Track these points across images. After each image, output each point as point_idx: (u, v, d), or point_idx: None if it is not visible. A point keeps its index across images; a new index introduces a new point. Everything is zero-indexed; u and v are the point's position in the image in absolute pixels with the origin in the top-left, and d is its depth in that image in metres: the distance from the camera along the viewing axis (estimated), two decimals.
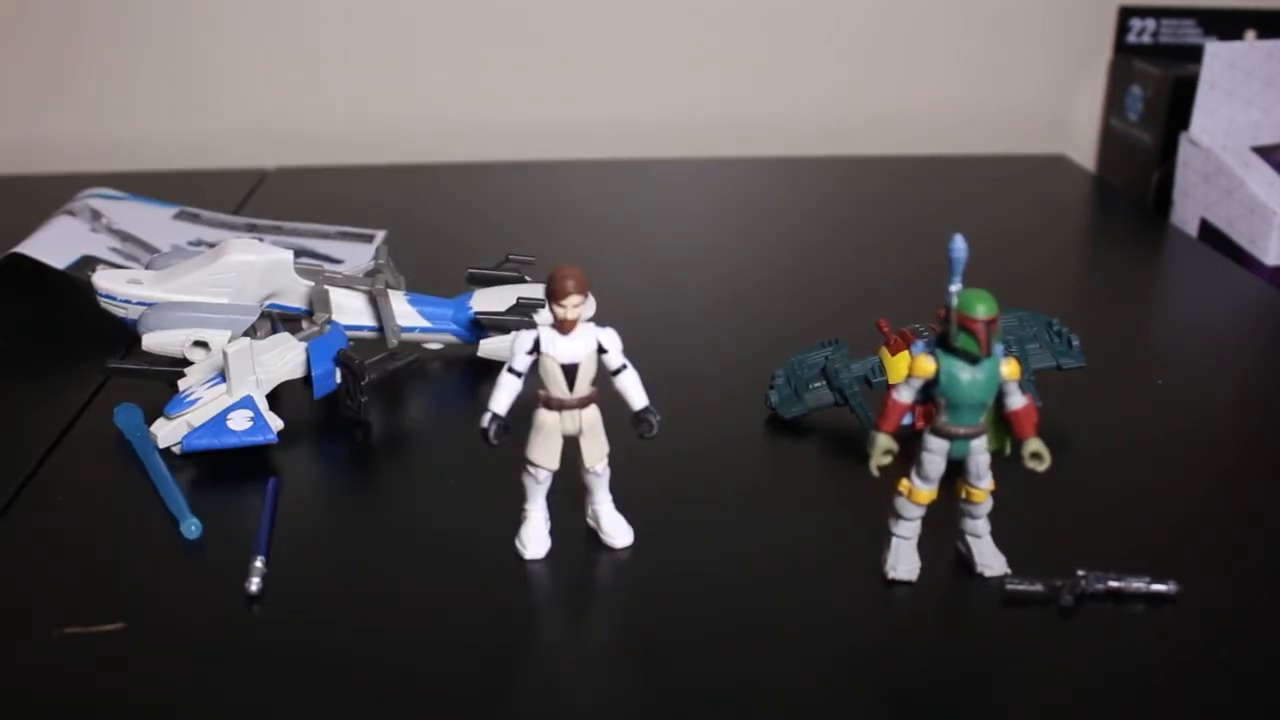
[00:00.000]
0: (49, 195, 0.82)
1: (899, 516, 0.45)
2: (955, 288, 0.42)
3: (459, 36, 1.03)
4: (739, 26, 1.05)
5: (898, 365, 0.56)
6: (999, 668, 0.42)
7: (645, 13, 1.04)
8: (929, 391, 0.42)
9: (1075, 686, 0.40)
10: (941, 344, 0.42)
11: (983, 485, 0.44)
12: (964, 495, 0.45)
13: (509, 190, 0.96)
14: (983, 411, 0.43)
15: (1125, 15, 1.02)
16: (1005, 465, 0.53)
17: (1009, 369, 0.42)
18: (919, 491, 0.44)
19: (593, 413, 0.46)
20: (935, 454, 0.43)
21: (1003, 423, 0.44)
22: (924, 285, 0.76)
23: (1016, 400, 0.43)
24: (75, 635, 0.43)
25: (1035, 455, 0.43)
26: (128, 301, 0.60)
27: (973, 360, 0.41)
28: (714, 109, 1.07)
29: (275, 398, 0.57)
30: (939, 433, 0.43)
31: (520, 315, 0.61)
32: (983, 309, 0.41)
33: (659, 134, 1.06)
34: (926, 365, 0.42)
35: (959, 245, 0.42)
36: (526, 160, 1.03)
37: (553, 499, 0.47)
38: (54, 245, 0.69)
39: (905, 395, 0.42)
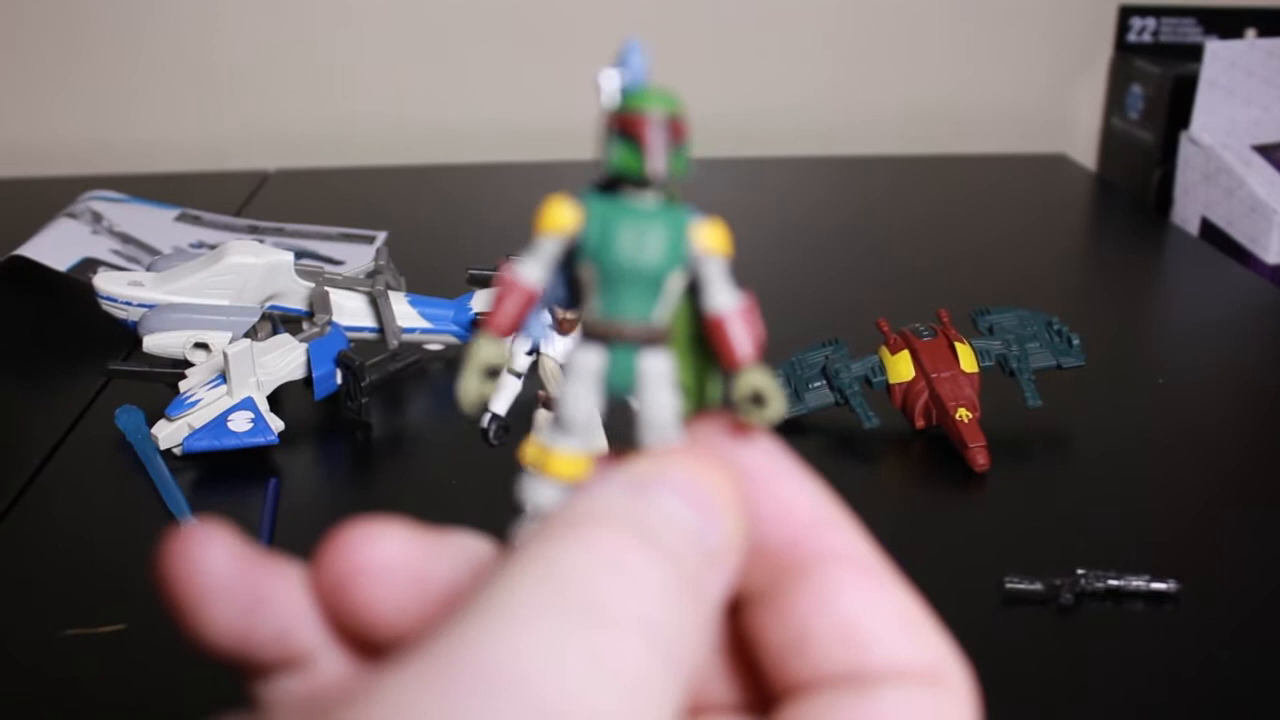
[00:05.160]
0: (50, 198, 0.82)
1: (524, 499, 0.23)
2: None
3: (459, 38, 1.03)
4: (735, 27, 1.05)
5: (898, 365, 0.56)
6: (997, 667, 0.42)
7: (644, 14, 1.04)
8: (576, 271, 0.22)
9: (1075, 685, 0.40)
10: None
11: (653, 440, 0.21)
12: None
13: (510, 191, 0.95)
14: (656, 293, 0.22)
15: (1125, 14, 1.02)
16: (1006, 461, 0.53)
17: (709, 233, 0.22)
18: (554, 453, 0.22)
19: None
20: (581, 376, 0.22)
21: (705, 343, 0.22)
22: (924, 285, 0.76)
23: (720, 297, 0.22)
24: (77, 636, 0.43)
25: (755, 398, 0.21)
26: (129, 303, 0.60)
27: (638, 185, 0.22)
28: (711, 109, 1.07)
29: (276, 399, 0.57)
30: (589, 333, 0.22)
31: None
32: (656, 105, 0.22)
33: None
34: (563, 213, 0.21)
35: (633, 56, 0.22)
36: (527, 161, 1.03)
37: None
38: (55, 247, 0.69)
39: (531, 271, 0.21)
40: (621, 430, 0.23)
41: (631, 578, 0.16)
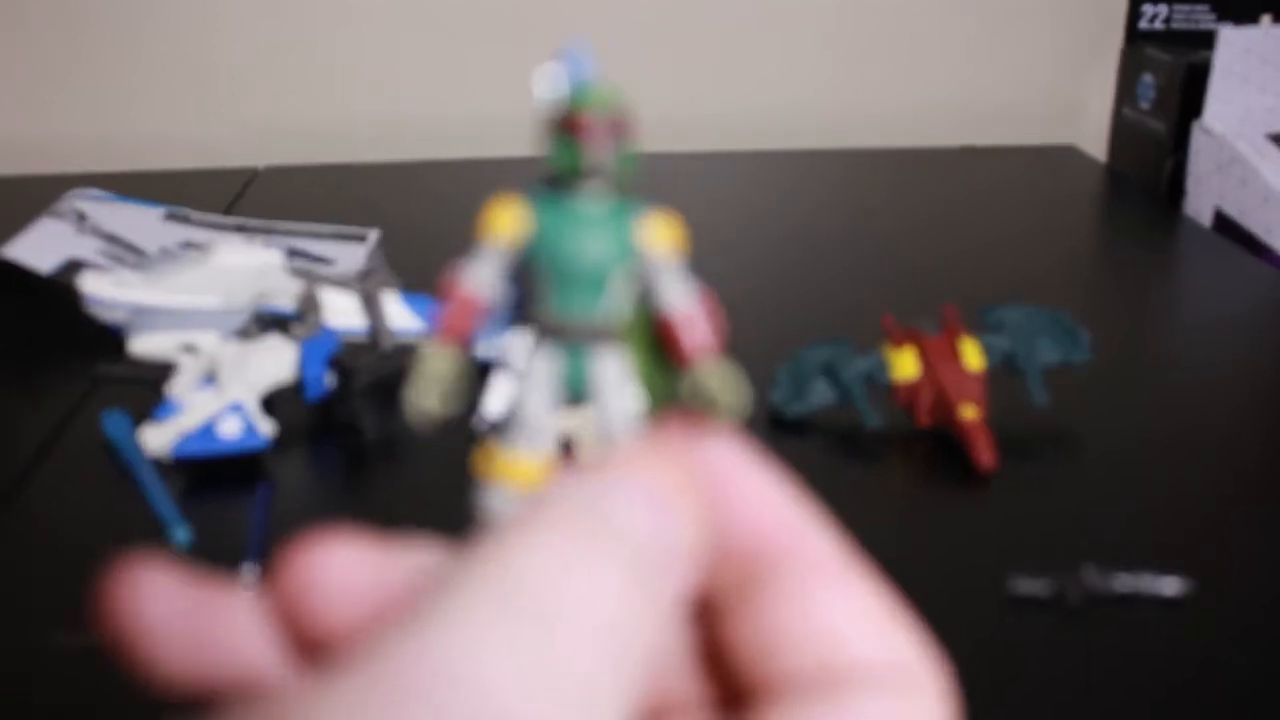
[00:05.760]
0: (35, 197, 0.81)
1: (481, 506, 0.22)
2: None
3: (453, 32, 1.02)
4: (738, 21, 1.05)
5: (902, 362, 0.55)
6: (1002, 668, 0.41)
7: (644, 6, 1.03)
8: (525, 272, 0.22)
9: (1081, 687, 0.40)
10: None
11: (611, 440, 0.22)
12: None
13: (507, 187, 0.95)
14: (606, 291, 0.21)
15: (1136, 1, 1.00)
16: (1012, 459, 0.52)
17: (660, 227, 0.21)
18: (509, 458, 0.22)
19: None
20: (534, 379, 0.22)
21: (660, 343, 0.22)
22: (931, 280, 0.75)
23: (671, 293, 0.21)
24: (65, 644, 0.42)
25: (709, 395, 0.21)
26: (116, 305, 0.59)
27: (583, 183, 0.21)
28: (714, 104, 1.06)
29: (266, 401, 0.56)
30: (541, 334, 0.22)
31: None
32: (597, 104, 0.21)
33: (657, 129, 1.05)
34: (507, 214, 0.22)
35: (575, 53, 0.22)
36: (522, 157, 1.03)
37: None
38: (39, 248, 0.69)
39: (476, 275, 0.22)
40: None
41: (585, 579, 0.16)
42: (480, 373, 0.22)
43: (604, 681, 0.16)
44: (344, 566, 0.19)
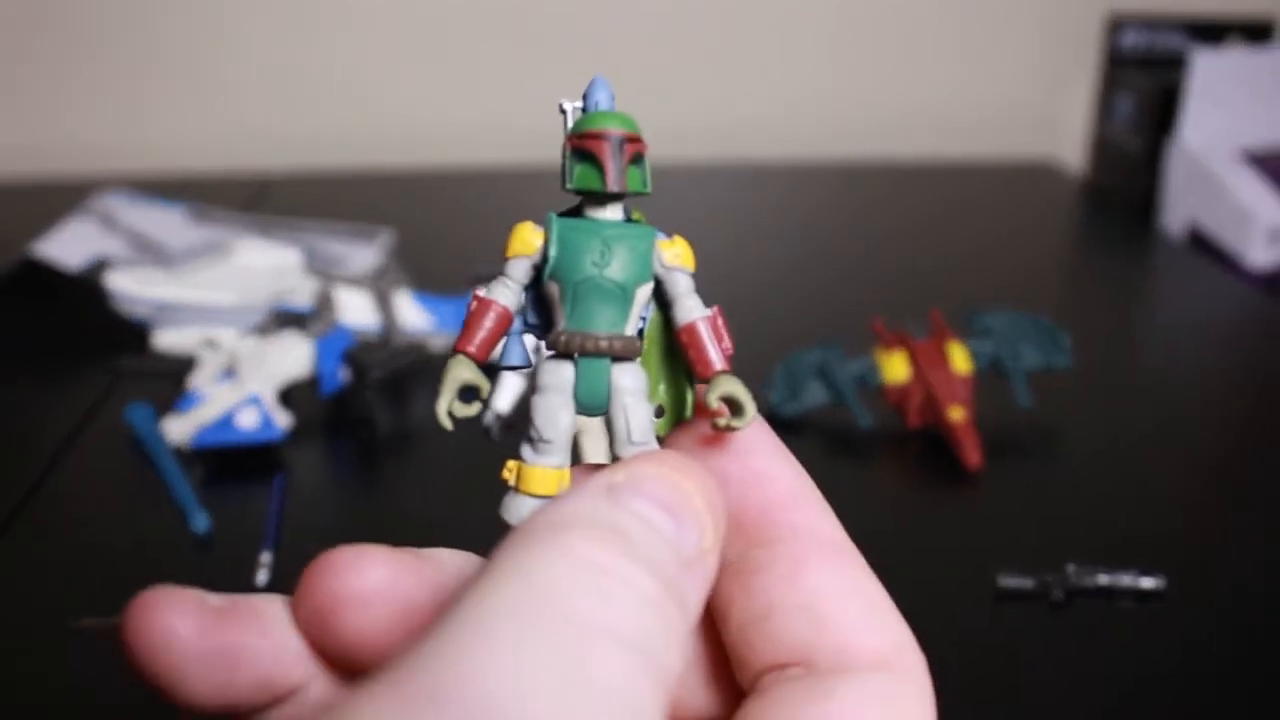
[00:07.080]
0: (64, 198, 0.82)
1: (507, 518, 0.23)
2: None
3: (462, 42, 1.04)
4: (728, 32, 1.06)
5: (893, 365, 0.57)
6: (990, 662, 0.42)
7: (645, 18, 1.05)
8: (546, 291, 0.23)
9: (1065, 679, 0.41)
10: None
11: (627, 453, 0.22)
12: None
13: (513, 194, 0.96)
14: (625, 307, 0.22)
15: (1114, 23, 1.03)
16: (999, 460, 0.54)
17: (676, 248, 0.23)
18: (532, 470, 0.22)
19: None
20: (553, 393, 0.22)
21: (677, 357, 0.23)
22: (918, 288, 0.77)
23: (689, 308, 0.23)
24: (88, 627, 0.43)
25: (729, 403, 0.22)
26: (140, 301, 0.61)
27: (600, 202, 0.22)
28: (707, 115, 1.07)
29: (283, 395, 0.57)
30: (558, 350, 0.23)
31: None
32: (614, 123, 0.22)
33: (657, 139, 1.07)
34: (530, 235, 0.22)
35: (598, 90, 0.23)
36: (530, 164, 1.04)
37: None
38: (68, 246, 0.70)
39: (501, 293, 0.22)
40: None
41: (610, 586, 0.16)
42: (492, 373, 0.23)
43: (637, 690, 0.15)
44: (371, 579, 0.19)
